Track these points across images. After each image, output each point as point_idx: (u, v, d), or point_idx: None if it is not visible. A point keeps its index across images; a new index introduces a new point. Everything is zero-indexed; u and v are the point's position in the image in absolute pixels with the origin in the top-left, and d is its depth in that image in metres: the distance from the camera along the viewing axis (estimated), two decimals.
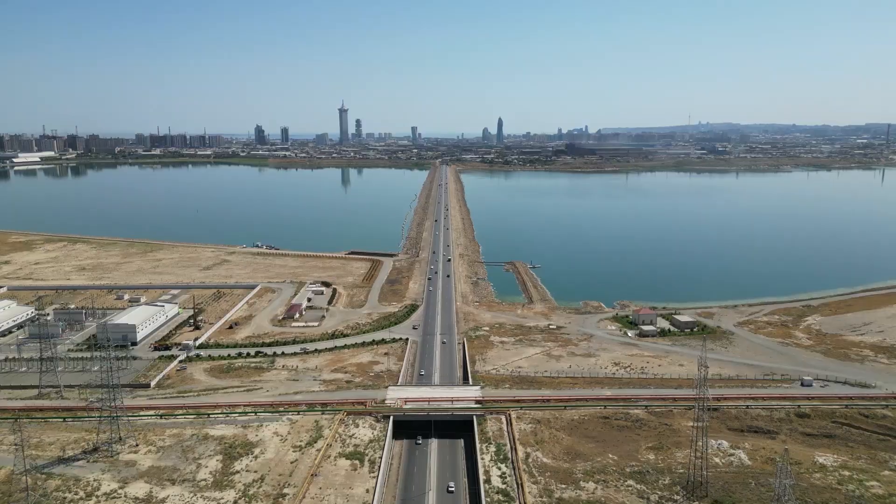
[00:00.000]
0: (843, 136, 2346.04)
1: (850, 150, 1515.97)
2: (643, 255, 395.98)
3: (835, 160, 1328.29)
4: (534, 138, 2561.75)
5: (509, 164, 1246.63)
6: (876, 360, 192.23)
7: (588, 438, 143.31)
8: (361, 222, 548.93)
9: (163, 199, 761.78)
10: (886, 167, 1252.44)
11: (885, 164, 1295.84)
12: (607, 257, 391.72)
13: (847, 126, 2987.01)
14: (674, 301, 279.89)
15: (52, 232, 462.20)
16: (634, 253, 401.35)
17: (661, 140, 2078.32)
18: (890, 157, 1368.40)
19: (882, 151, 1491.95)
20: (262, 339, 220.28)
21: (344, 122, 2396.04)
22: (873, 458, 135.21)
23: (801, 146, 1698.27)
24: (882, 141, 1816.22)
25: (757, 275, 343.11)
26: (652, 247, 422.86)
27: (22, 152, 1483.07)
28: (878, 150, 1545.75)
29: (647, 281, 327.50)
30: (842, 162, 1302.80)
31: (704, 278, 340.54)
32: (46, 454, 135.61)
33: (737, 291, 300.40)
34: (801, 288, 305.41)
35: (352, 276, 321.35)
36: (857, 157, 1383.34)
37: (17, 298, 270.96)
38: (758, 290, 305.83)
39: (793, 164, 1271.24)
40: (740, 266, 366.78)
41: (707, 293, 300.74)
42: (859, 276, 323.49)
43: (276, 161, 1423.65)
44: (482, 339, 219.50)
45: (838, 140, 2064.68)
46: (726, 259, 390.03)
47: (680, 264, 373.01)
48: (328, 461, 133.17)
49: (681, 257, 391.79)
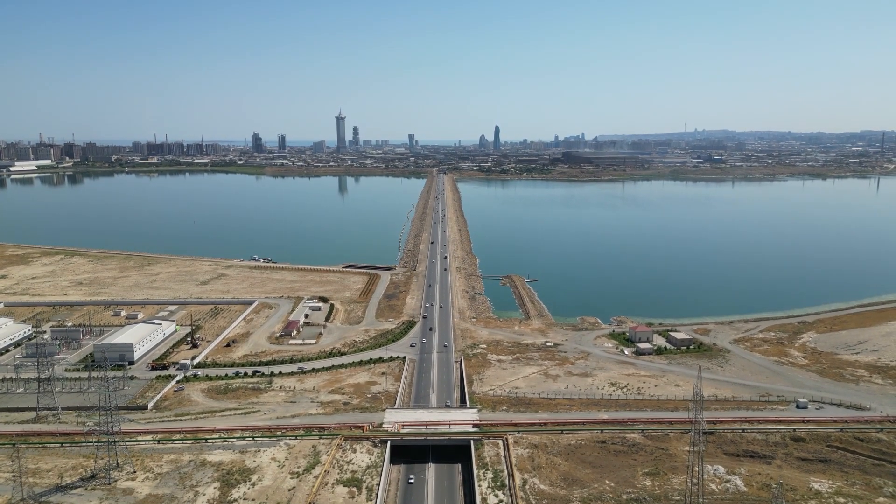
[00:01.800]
0: (838, 144, 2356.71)
1: (845, 159, 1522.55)
2: (640, 267, 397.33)
3: (830, 169, 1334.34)
4: (530, 146, 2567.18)
5: (506, 173, 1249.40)
6: (871, 380, 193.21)
7: (585, 464, 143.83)
8: (358, 233, 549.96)
9: (159, 208, 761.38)
10: (881, 175, 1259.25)
11: (879, 172, 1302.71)
12: (604, 270, 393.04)
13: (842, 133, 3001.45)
14: (670, 317, 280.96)
15: (48, 244, 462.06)
16: (631, 265, 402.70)
17: (658, 148, 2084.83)
18: (885, 166, 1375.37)
19: (877, 160, 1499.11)
20: (260, 358, 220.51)
21: (341, 130, 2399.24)
22: (868, 484, 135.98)
23: (797, 154, 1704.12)
24: (877, 149, 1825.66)
25: (753, 287, 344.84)
26: (649, 258, 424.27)
27: (18, 160, 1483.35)
28: (872, 158, 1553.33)
29: (643, 294, 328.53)
30: (837, 171, 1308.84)
31: (701, 291, 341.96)
32: (44, 481, 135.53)
33: (733, 305, 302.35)
34: (797, 301, 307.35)
35: (349, 290, 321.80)
36: (853, 165, 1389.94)
37: (13, 315, 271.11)
38: (754, 303, 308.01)
39: (788, 173, 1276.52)
40: (736, 277, 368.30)
41: (703, 307, 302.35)
42: (854, 290, 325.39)
43: (273, 170, 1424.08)
44: (479, 357, 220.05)
45: (833, 148, 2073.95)
46: (722, 270, 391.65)
47: (676, 276, 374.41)
48: (325, 488, 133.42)
49: (677, 269, 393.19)
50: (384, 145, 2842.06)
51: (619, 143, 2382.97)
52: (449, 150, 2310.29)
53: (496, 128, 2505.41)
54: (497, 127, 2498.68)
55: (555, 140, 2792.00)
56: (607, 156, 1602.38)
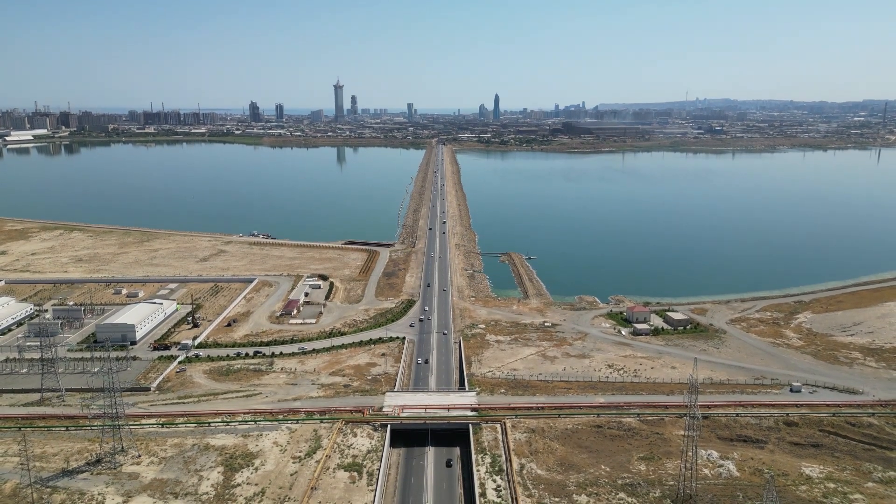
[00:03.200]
0: (840, 114, 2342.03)
1: (846, 130, 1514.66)
2: (638, 243, 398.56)
3: (831, 140, 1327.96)
4: (531, 115, 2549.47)
5: (506, 145, 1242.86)
6: (864, 363, 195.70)
7: (581, 448, 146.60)
8: (357, 207, 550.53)
9: (157, 179, 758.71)
10: (882, 147, 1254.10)
11: (881, 144, 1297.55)
12: (603, 246, 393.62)
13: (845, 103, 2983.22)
14: (668, 295, 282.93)
15: (47, 219, 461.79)
16: (630, 242, 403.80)
17: (659, 118, 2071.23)
18: (886, 138, 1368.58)
19: (878, 131, 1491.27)
20: (261, 338, 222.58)
21: (339, 99, 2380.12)
22: (858, 470, 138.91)
23: (798, 125, 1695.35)
24: (879, 119, 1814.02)
25: (751, 264, 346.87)
26: (647, 235, 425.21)
27: (14, 130, 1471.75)
28: (874, 129, 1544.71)
29: (641, 272, 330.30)
30: (838, 142, 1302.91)
31: (699, 268, 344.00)
32: (51, 466, 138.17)
33: (730, 282, 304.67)
34: (794, 278, 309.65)
35: (348, 268, 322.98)
36: (854, 136, 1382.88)
37: (14, 293, 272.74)
38: (751, 279, 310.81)
39: (789, 145, 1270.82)
40: (734, 254, 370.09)
41: (701, 284, 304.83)
42: (851, 268, 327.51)
43: (270, 140, 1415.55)
44: (478, 337, 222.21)
45: (835, 118, 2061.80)
46: (721, 246, 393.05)
47: (675, 252, 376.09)
48: (327, 473, 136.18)
49: (676, 245, 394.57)
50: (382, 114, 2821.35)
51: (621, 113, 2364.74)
52: (448, 119, 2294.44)
53: (496, 97, 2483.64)
54: (497, 96, 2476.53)
55: (555, 109, 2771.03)
56: (608, 126, 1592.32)
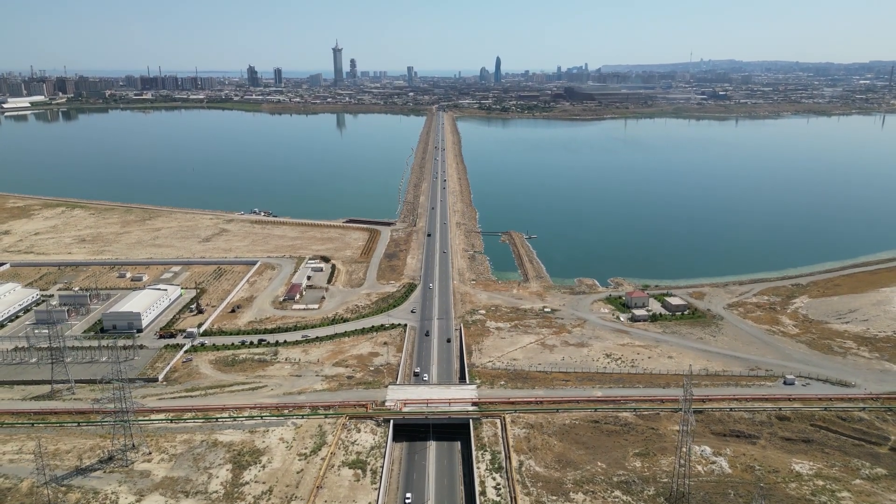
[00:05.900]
0: (846, 76, 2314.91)
1: (851, 94, 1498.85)
2: (638, 221, 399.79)
3: (835, 106, 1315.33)
4: (532, 78, 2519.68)
5: (507, 112, 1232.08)
6: (858, 353, 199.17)
7: (579, 444, 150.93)
8: (359, 177, 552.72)
9: (157, 150, 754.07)
10: (887, 113, 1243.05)
11: (885, 109, 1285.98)
12: (603, 224, 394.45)
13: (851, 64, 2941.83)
14: (667, 277, 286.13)
15: (49, 194, 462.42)
16: (630, 220, 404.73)
17: (662, 81, 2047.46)
18: (891, 103, 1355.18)
19: (883, 96, 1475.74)
20: (265, 325, 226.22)
21: (338, 62, 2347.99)
22: (847, 466, 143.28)
23: (803, 89, 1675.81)
24: (885, 82, 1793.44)
25: (750, 243, 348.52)
26: (648, 212, 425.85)
27: (11, 97, 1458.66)
28: (879, 93, 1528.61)
29: (641, 253, 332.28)
30: (842, 108, 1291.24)
31: (698, 247, 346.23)
32: (65, 464, 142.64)
33: (730, 263, 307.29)
34: (793, 258, 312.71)
35: (350, 248, 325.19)
36: (858, 102, 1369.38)
37: (19, 276, 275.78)
38: (750, 259, 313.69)
39: (793, 111, 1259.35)
40: (734, 233, 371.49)
41: (700, 265, 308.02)
42: (849, 248, 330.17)
43: (269, 106, 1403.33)
44: (478, 324, 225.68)
45: (841, 80, 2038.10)
46: (720, 225, 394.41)
47: (674, 230, 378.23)
48: (332, 471, 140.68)
49: (676, 223, 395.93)
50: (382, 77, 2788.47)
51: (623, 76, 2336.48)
52: (449, 82, 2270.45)
53: (497, 59, 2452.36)
54: (498, 58, 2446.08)
55: (557, 72, 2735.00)
56: (610, 92, 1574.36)
